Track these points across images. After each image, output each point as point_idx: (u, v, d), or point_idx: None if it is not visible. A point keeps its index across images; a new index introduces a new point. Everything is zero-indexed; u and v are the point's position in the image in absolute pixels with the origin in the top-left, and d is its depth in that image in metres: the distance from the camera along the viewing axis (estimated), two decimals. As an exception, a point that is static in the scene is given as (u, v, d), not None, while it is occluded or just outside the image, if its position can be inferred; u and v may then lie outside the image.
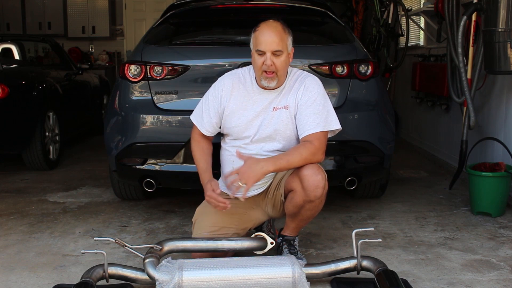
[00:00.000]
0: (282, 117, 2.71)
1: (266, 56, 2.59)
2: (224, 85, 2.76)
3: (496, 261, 2.93)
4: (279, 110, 2.71)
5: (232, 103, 2.74)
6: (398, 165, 5.19)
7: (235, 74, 2.80)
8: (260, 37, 2.61)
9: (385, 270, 2.48)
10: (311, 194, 2.60)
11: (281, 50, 2.60)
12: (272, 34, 2.60)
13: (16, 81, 5.12)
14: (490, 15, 3.62)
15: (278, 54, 2.60)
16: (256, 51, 2.63)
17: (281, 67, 2.63)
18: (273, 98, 2.73)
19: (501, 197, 3.70)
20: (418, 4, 6.61)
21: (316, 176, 2.59)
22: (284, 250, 2.79)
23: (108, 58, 10.55)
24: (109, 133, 3.60)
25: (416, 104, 6.27)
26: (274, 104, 2.72)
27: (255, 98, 2.73)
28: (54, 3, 10.56)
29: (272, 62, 2.59)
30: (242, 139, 2.76)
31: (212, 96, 2.78)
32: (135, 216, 3.77)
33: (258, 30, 2.64)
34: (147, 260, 2.48)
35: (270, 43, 2.59)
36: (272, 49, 2.59)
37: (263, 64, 2.60)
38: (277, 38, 2.59)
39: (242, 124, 2.73)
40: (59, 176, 5.06)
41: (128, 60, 3.63)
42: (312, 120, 2.66)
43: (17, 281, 2.70)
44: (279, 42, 2.59)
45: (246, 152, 2.73)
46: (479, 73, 4.11)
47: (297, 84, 2.74)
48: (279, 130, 2.72)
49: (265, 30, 2.62)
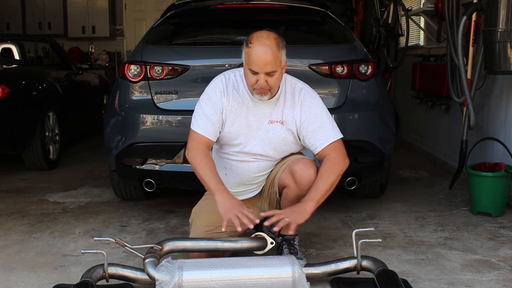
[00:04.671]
0: (278, 132, 2.69)
1: (259, 76, 2.50)
2: (223, 89, 2.69)
3: (496, 261, 2.93)
4: (275, 123, 2.68)
5: (227, 107, 2.68)
6: (398, 165, 5.18)
7: (228, 79, 2.71)
8: (253, 56, 2.48)
9: (385, 270, 2.49)
10: (304, 188, 2.61)
11: (275, 70, 2.50)
12: (266, 55, 2.46)
13: (16, 81, 5.12)
14: (490, 15, 3.62)
15: (272, 74, 2.51)
16: (249, 69, 2.52)
17: (275, 84, 2.56)
18: (268, 109, 2.68)
19: (501, 197, 3.70)
20: (418, 4, 6.61)
21: (308, 169, 2.62)
22: (284, 250, 2.79)
23: (108, 58, 10.55)
24: (109, 133, 3.60)
25: (416, 104, 6.27)
26: (269, 117, 2.68)
27: (249, 106, 2.68)
28: (54, 3, 10.56)
29: (265, 81, 2.51)
30: (232, 146, 2.73)
31: (214, 99, 2.68)
32: (135, 216, 3.77)
33: (250, 47, 2.49)
34: (147, 260, 2.48)
35: (263, 65, 2.47)
36: (265, 71, 2.49)
37: (256, 82, 2.52)
38: (271, 59, 2.47)
39: (234, 131, 2.69)
40: (59, 176, 5.06)
41: (128, 60, 3.63)
42: (320, 134, 2.64)
43: (17, 281, 2.70)
44: (273, 63, 2.48)
45: (237, 158, 2.73)
46: (479, 73, 4.10)
47: (292, 99, 2.68)
48: (273, 144, 2.71)
49: (259, 50, 2.47)
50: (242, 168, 2.76)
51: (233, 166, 2.76)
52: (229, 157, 2.76)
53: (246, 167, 2.76)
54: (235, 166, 2.76)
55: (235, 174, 2.76)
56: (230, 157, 2.76)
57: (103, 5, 10.56)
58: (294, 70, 3.27)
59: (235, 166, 2.76)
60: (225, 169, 2.78)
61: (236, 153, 2.74)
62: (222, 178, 2.69)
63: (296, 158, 2.74)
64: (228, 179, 2.76)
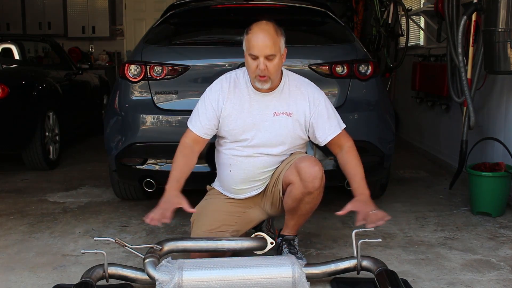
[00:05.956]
0: (286, 123, 2.73)
1: (259, 61, 2.58)
2: (222, 87, 2.75)
3: (496, 261, 2.93)
4: (281, 115, 2.72)
5: (228, 105, 2.73)
6: (398, 165, 5.18)
7: (230, 78, 2.78)
8: (252, 41, 2.59)
9: (385, 270, 2.49)
10: (310, 185, 2.62)
11: (274, 54, 2.58)
12: (265, 38, 2.57)
13: (16, 81, 5.12)
14: (490, 15, 3.62)
15: (271, 58, 2.58)
16: (249, 54, 2.61)
17: (274, 70, 2.63)
18: (271, 101, 2.73)
19: (501, 197, 3.70)
20: (418, 4, 6.61)
21: (314, 167, 2.63)
22: (284, 250, 2.79)
23: (108, 58, 10.54)
24: (109, 133, 3.60)
25: (416, 104, 6.27)
26: (274, 109, 2.73)
27: (251, 100, 2.73)
28: (54, 3, 10.56)
29: (265, 66, 2.58)
30: (239, 142, 2.76)
31: (208, 99, 2.75)
32: (135, 216, 3.77)
33: (250, 33, 2.61)
34: (147, 260, 2.48)
35: (263, 47, 2.56)
36: (265, 54, 2.57)
37: (257, 68, 2.59)
38: (270, 42, 2.57)
39: (239, 127, 2.73)
40: (59, 176, 5.06)
41: (128, 60, 3.63)
42: (330, 124, 2.77)
43: (17, 281, 2.71)
44: (272, 47, 2.57)
45: (243, 154, 2.76)
46: (479, 73, 4.10)
47: (298, 91, 2.76)
48: (282, 135, 2.74)
49: (258, 34, 2.58)
50: (247, 164, 2.77)
51: (238, 162, 2.77)
52: (235, 152, 2.77)
53: (251, 162, 2.77)
54: (240, 161, 2.77)
55: (239, 170, 2.77)
56: (236, 152, 2.77)
57: (103, 5, 10.56)
58: (294, 70, 3.24)
59: (240, 162, 2.77)
60: (229, 165, 2.79)
61: (243, 148, 2.76)
62: (226, 175, 2.80)
63: (302, 156, 2.77)
64: (232, 175, 2.79)
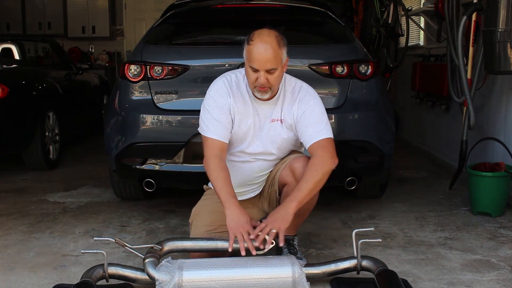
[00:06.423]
0: (279, 130, 2.70)
1: (259, 74, 2.50)
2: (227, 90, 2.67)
3: (496, 261, 2.93)
4: (275, 122, 2.69)
5: (234, 108, 2.67)
6: (398, 165, 5.18)
7: (231, 80, 2.71)
8: (254, 53, 2.48)
9: (385, 270, 2.48)
10: None
11: (275, 67, 2.51)
12: (267, 52, 2.46)
13: (16, 81, 5.12)
14: (490, 15, 3.62)
15: (272, 72, 2.51)
16: (250, 66, 2.53)
17: (275, 82, 2.56)
18: (270, 109, 2.69)
19: (501, 197, 3.70)
20: (418, 4, 6.61)
21: None
22: (284, 250, 2.79)
23: (108, 58, 10.55)
24: (109, 133, 3.60)
25: (416, 104, 6.27)
26: (271, 116, 2.69)
27: (253, 107, 2.68)
28: (54, 3, 10.57)
29: (266, 79, 2.51)
30: (236, 147, 2.74)
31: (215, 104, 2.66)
32: (135, 216, 3.77)
33: (251, 44, 2.50)
34: (147, 260, 2.48)
35: (264, 62, 2.47)
36: (266, 68, 2.49)
37: (257, 80, 2.52)
38: (271, 56, 2.47)
39: (241, 132, 2.70)
40: (59, 176, 5.06)
41: (128, 60, 3.63)
42: (312, 130, 2.62)
43: (17, 281, 2.70)
44: (273, 61, 2.48)
45: (239, 159, 2.74)
46: (479, 73, 4.10)
47: (292, 96, 2.69)
48: (275, 142, 2.72)
49: (259, 47, 2.47)
50: (244, 169, 2.77)
51: (235, 167, 2.76)
52: (232, 158, 2.76)
53: (248, 167, 2.76)
54: (237, 166, 2.76)
55: (237, 175, 2.76)
56: (233, 158, 2.76)
57: (103, 5, 10.57)
58: (294, 70, 3.26)
59: (237, 167, 2.76)
60: None
61: (239, 153, 2.75)
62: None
63: (297, 156, 2.75)
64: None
